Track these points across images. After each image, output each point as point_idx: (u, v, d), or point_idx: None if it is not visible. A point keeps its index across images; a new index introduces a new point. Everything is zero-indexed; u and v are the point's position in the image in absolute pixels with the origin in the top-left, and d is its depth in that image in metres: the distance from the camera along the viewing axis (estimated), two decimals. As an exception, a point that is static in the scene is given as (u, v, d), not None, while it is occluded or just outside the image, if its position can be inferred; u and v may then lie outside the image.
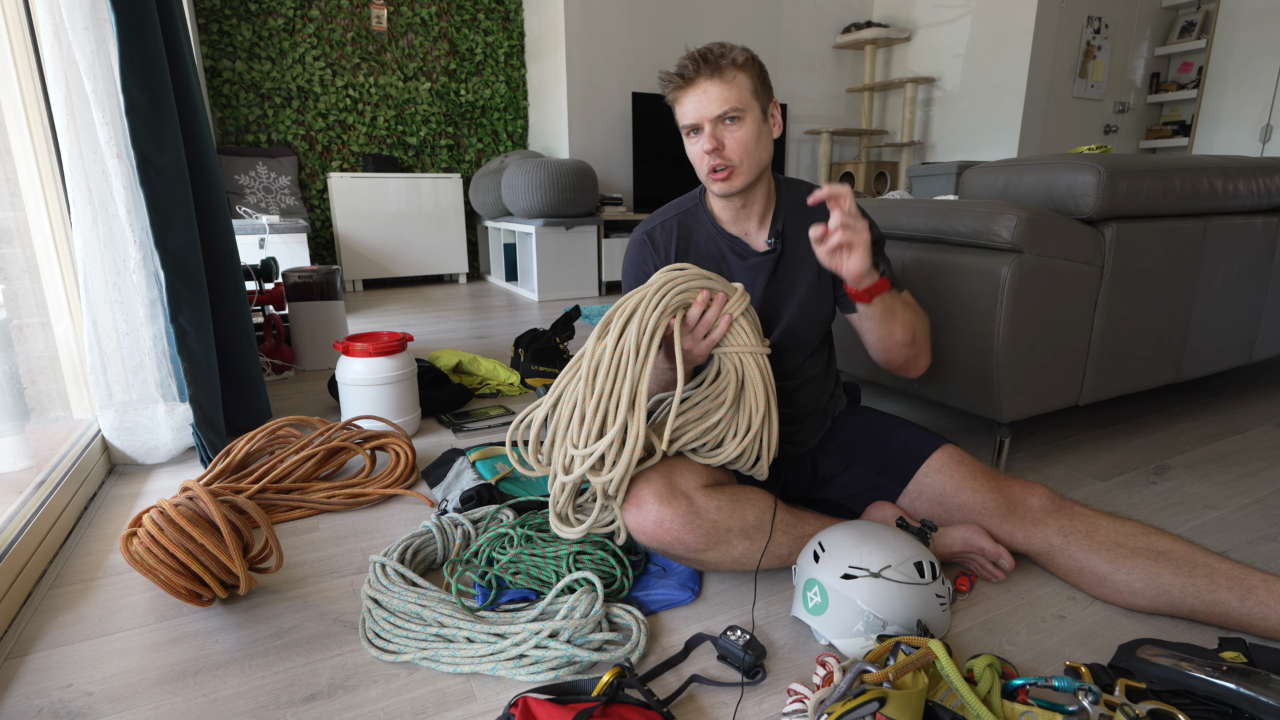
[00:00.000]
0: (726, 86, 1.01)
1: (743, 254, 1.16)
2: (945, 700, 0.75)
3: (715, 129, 1.03)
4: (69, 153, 1.36)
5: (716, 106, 1.02)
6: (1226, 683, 0.77)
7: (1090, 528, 1.04)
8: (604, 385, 0.93)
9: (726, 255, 1.16)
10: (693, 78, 1.02)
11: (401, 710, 0.82)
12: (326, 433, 1.48)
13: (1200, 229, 1.57)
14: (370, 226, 4.21)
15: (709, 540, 1.01)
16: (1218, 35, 4.18)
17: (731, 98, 1.01)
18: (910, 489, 1.15)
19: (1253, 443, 1.66)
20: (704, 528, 1.00)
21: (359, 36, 4.31)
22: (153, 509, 0.98)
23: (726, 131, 1.04)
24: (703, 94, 1.02)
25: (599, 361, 0.95)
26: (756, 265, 1.15)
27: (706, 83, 1.01)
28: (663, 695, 0.84)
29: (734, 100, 1.02)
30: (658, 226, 1.19)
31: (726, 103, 1.01)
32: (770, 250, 1.15)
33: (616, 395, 0.93)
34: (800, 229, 1.15)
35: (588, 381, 0.94)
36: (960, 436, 1.71)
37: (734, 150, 1.04)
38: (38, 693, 0.85)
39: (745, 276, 1.16)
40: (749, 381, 1.03)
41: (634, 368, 0.93)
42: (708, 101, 1.02)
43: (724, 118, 1.02)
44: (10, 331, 1.51)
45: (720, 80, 1.01)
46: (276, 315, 2.39)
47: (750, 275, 1.15)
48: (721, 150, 1.04)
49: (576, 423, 0.95)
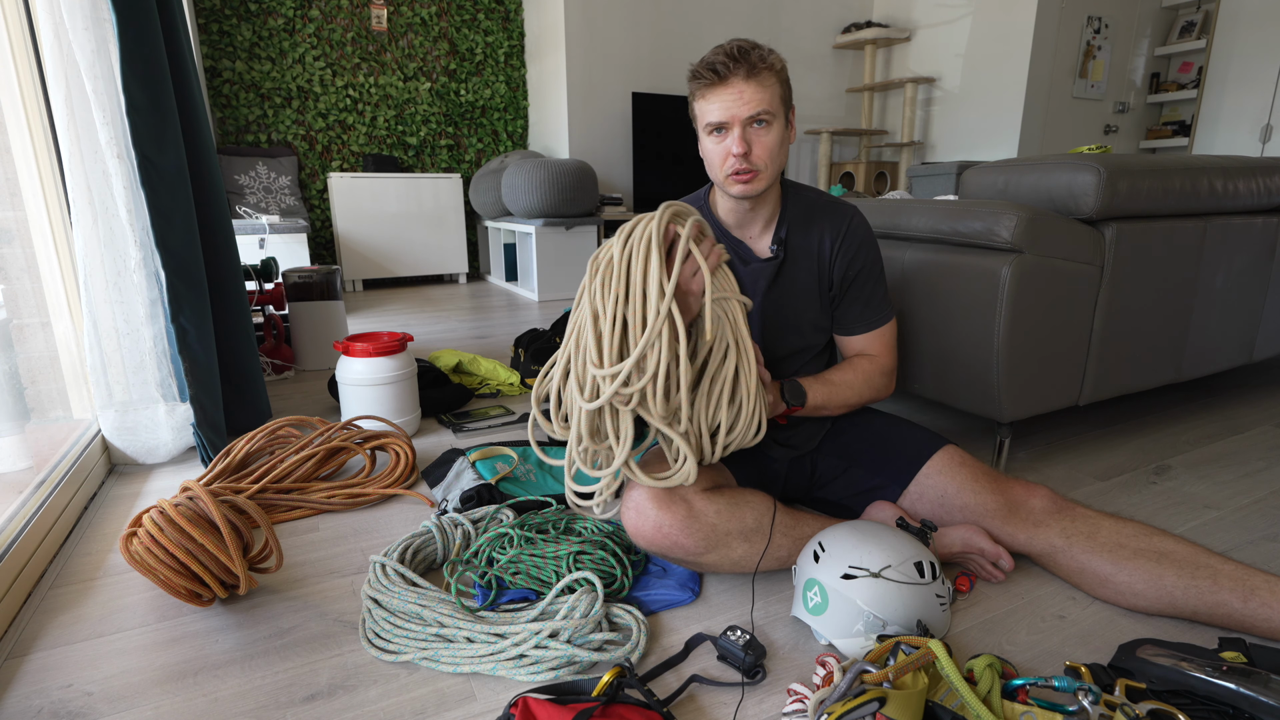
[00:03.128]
0: (761, 89, 1.00)
1: (745, 258, 1.15)
2: (945, 700, 0.75)
3: (745, 131, 1.01)
4: (69, 153, 1.36)
5: (750, 108, 1.00)
6: (1226, 683, 0.77)
7: (1092, 529, 1.03)
8: (618, 288, 0.89)
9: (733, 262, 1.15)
10: (727, 76, 0.99)
11: (401, 710, 0.82)
12: (326, 433, 1.48)
13: (1200, 229, 1.57)
14: (370, 226, 4.21)
15: (708, 544, 1.01)
16: (1218, 35, 4.18)
17: (764, 100, 1.00)
18: (911, 490, 1.15)
19: (1253, 443, 1.66)
20: (703, 531, 1.00)
21: (359, 36, 4.31)
22: (153, 509, 0.98)
23: (755, 135, 1.02)
24: (737, 94, 0.99)
25: (608, 267, 0.90)
26: (758, 270, 1.15)
27: (742, 83, 0.99)
28: (663, 695, 0.84)
29: (766, 103, 1.00)
30: None
31: (760, 105, 1.00)
32: (773, 257, 1.14)
33: (638, 290, 0.89)
34: (803, 237, 1.15)
35: (603, 289, 0.90)
36: (960, 436, 1.71)
37: (760, 154, 1.03)
38: (38, 693, 0.85)
39: (746, 281, 1.15)
40: (741, 341, 0.99)
41: (646, 262, 0.89)
42: (741, 102, 0.99)
43: (754, 120, 1.01)
44: (10, 331, 1.51)
45: (756, 82, 0.99)
46: (276, 315, 2.39)
47: (751, 280, 1.15)
48: (749, 153, 1.02)
49: (593, 341, 0.90)
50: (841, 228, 1.15)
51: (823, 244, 1.15)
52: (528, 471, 1.48)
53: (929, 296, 1.47)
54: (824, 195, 1.18)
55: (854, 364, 1.19)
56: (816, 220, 1.16)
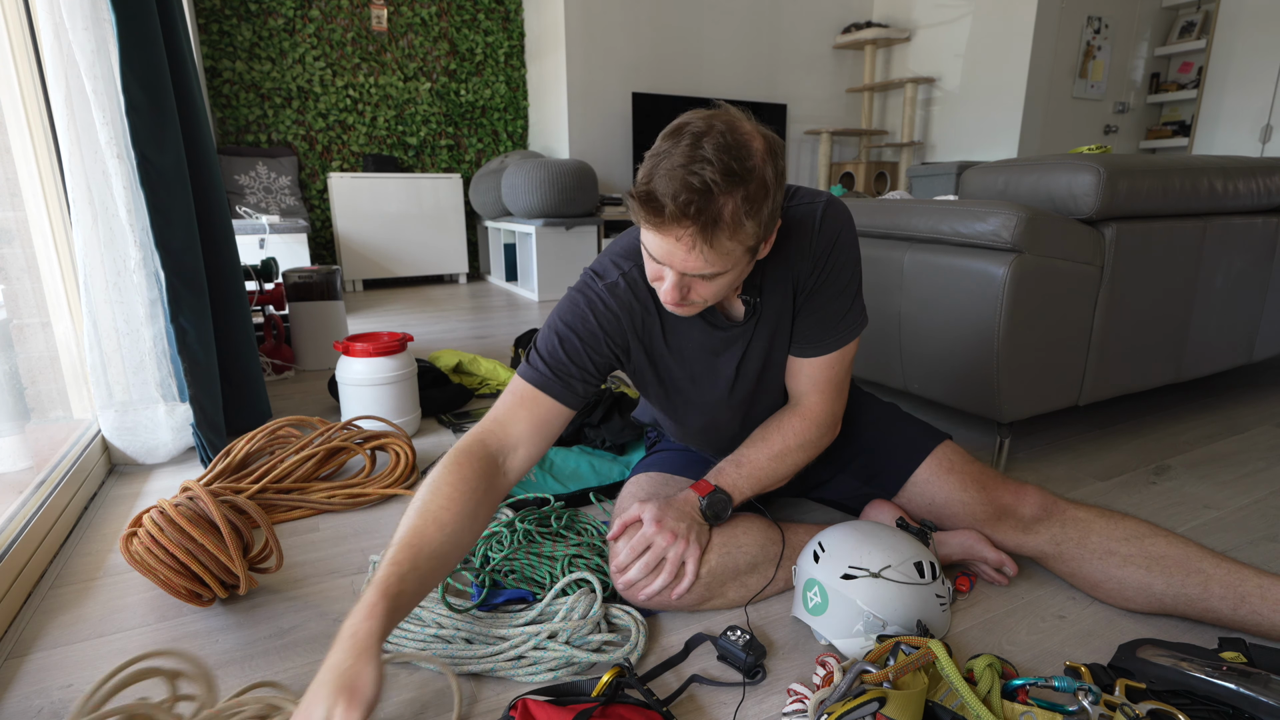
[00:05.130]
0: (714, 254, 0.77)
1: (719, 325, 0.99)
2: (945, 700, 0.75)
3: (682, 280, 0.82)
4: (69, 153, 1.36)
5: (692, 267, 0.79)
6: (1226, 683, 0.77)
7: (1082, 535, 1.01)
8: None
9: (698, 324, 0.99)
10: (672, 223, 0.75)
11: (401, 710, 0.82)
12: (326, 433, 1.48)
13: (1200, 229, 1.57)
14: (370, 226, 4.21)
15: (707, 595, 0.99)
16: (1218, 35, 4.18)
17: (716, 263, 0.78)
18: (901, 496, 1.14)
19: (1253, 443, 1.66)
20: (699, 588, 0.98)
21: (359, 37, 4.31)
22: (153, 509, 0.98)
23: (697, 283, 0.83)
24: (682, 248, 0.77)
25: None
26: (732, 337, 1.00)
27: (690, 238, 0.76)
28: (663, 695, 0.84)
29: (718, 265, 0.79)
30: (623, 292, 0.96)
31: (707, 268, 0.79)
32: (749, 316, 0.99)
33: None
34: (775, 267, 0.97)
35: None
36: (960, 436, 1.71)
37: (701, 295, 0.85)
38: (37, 693, 0.85)
39: (724, 350, 1.01)
40: None
41: None
42: (684, 259, 0.78)
43: (700, 275, 0.81)
44: (10, 331, 1.51)
45: (709, 245, 0.76)
46: (276, 315, 2.39)
47: (725, 346, 1.01)
48: (686, 296, 0.84)
49: None
50: (812, 237, 0.95)
51: (797, 267, 0.96)
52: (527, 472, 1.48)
53: (929, 296, 1.47)
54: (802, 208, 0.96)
55: (784, 427, 1.04)
56: (790, 244, 0.95)
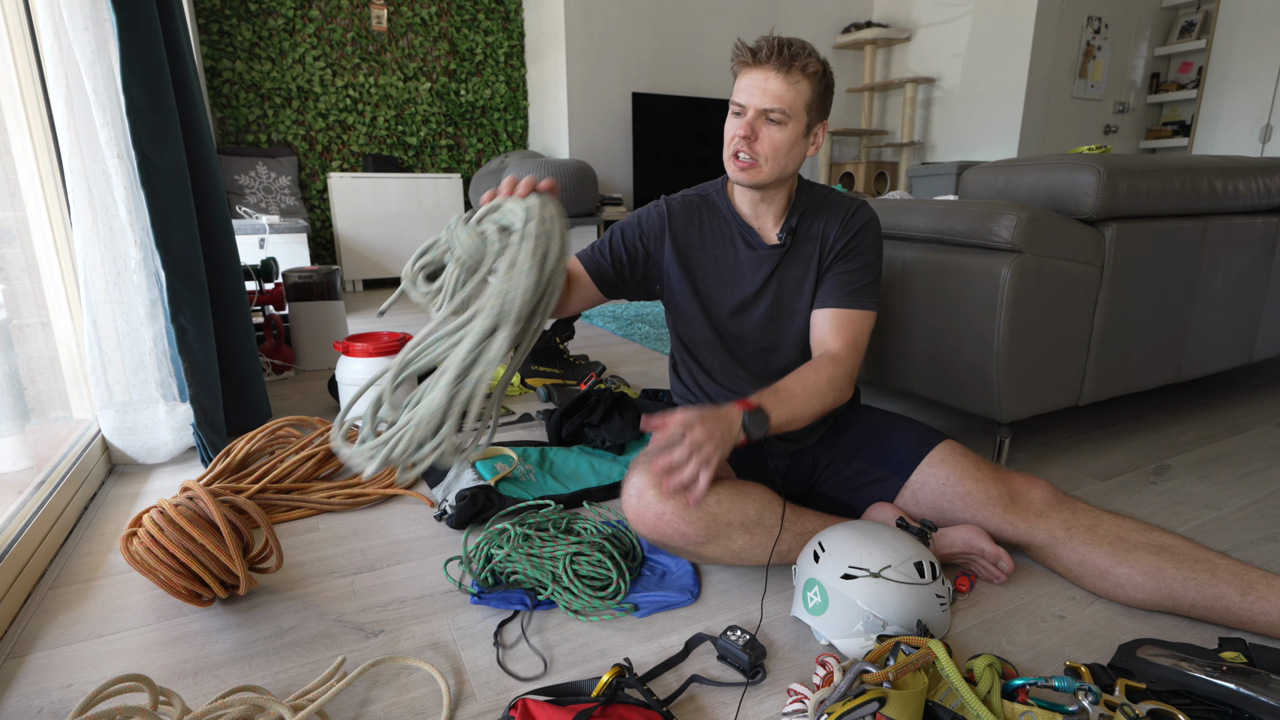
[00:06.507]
0: (786, 86, 1.00)
1: (752, 244, 1.17)
2: (945, 700, 0.75)
3: (755, 120, 1.03)
4: (69, 153, 1.36)
5: (767, 100, 1.01)
6: (1226, 683, 0.77)
7: (1093, 522, 1.04)
8: None
9: (736, 241, 1.17)
10: (762, 62, 1.01)
11: (401, 710, 0.82)
12: (326, 433, 1.48)
13: (1200, 229, 1.57)
14: (370, 226, 4.21)
15: (709, 533, 1.01)
16: (1218, 35, 4.18)
17: (785, 99, 1.01)
18: (913, 481, 1.15)
19: (1253, 443, 1.66)
20: (704, 520, 1.01)
21: (359, 36, 4.31)
22: (153, 509, 0.98)
23: (765, 127, 1.03)
24: (761, 81, 1.01)
25: None
26: (763, 257, 1.17)
27: (771, 72, 1.00)
28: (663, 695, 0.84)
29: (785, 102, 1.01)
30: (679, 201, 1.20)
31: (778, 101, 1.01)
32: (780, 244, 1.16)
33: None
34: (810, 224, 1.17)
35: None
36: (960, 436, 1.71)
37: (764, 147, 1.04)
38: (37, 693, 0.85)
39: (750, 266, 1.17)
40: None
41: None
42: (762, 92, 1.01)
43: (768, 113, 1.02)
44: (10, 331, 1.51)
45: (783, 78, 1.00)
46: (276, 315, 2.39)
47: (754, 265, 1.17)
48: (752, 142, 1.03)
49: None
50: (846, 215, 1.16)
51: (826, 230, 1.16)
52: (527, 472, 1.48)
53: (929, 296, 1.47)
54: (842, 194, 1.20)
55: (816, 365, 1.09)
56: (825, 210, 1.17)
